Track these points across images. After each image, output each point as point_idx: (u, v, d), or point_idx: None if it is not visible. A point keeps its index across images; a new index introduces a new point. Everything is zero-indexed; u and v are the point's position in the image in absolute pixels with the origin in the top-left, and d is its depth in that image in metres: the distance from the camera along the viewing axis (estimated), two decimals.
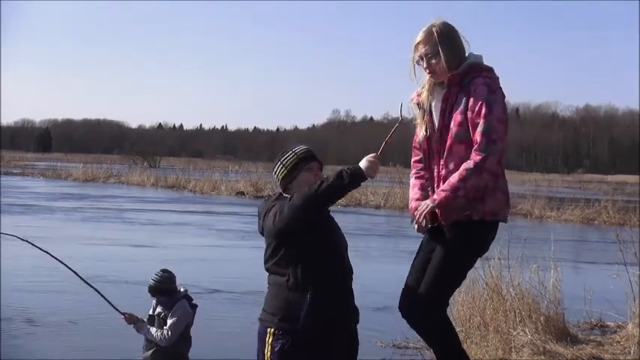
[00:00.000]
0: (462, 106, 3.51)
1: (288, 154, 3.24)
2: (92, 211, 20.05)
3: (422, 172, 3.76)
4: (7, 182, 31.12)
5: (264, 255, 3.18)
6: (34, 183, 33.29)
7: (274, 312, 3.09)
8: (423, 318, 3.62)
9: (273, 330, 3.07)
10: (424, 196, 3.69)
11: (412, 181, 3.81)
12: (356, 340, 3.25)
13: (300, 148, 3.27)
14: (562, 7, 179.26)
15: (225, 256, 12.82)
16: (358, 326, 3.26)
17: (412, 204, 3.73)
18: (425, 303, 3.57)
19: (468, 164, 3.45)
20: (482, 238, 3.63)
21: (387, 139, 3.33)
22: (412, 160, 3.84)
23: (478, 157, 3.42)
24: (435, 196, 3.54)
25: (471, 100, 3.48)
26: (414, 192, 3.76)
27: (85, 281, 4.37)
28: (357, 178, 3.04)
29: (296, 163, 3.20)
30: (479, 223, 3.54)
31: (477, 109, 3.45)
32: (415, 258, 3.78)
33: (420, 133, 3.70)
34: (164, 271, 4.47)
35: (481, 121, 3.43)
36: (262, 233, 3.23)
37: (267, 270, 3.19)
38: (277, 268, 3.11)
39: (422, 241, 3.79)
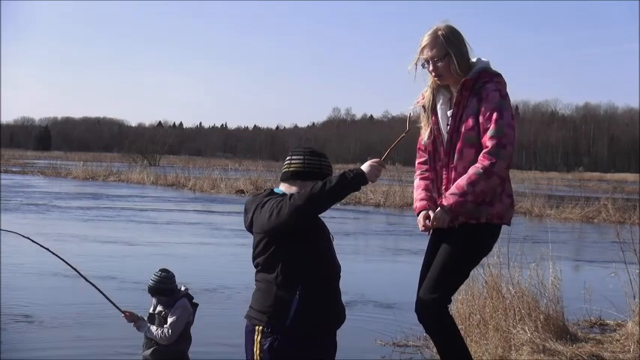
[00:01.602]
0: (472, 111, 3.57)
1: (315, 159, 3.18)
2: (97, 210, 20.05)
3: (426, 174, 3.82)
4: (18, 182, 31.11)
5: (254, 251, 3.15)
6: (42, 182, 33.24)
7: (263, 310, 3.06)
8: (426, 315, 3.65)
9: (261, 328, 3.05)
10: (428, 197, 3.75)
11: (417, 181, 3.88)
12: (335, 339, 3.23)
13: (326, 162, 3.21)
14: (562, 6, 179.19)
15: (200, 253, 12.82)
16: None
17: (417, 204, 3.82)
18: (426, 300, 3.62)
19: (477, 168, 3.52)
20: (488, 241, 3.71)
21: (392, 147, 3.36)
22: (417, 161, 3.90)
23: (487, 162, 3.50)
24: (445, 201, 3.60)
25: (483, 105, 3.55)
26: (418, 192, 3.84)
27: (86, 279, 4.36)
28: (358, 181, 3.03)
29: (316, 173, 3.15)
30: (485, 226, 3.62)
31: (488, 114, 3.53)
32: (425, 259, 3.81)
33: (425, 135, 3.73)
34: (163, 270, 4.46)
35: (492, 126, 3.51)
36: (249, 229, 3.21)
37: (255, 266, 3.16)
38: (266, 265, 3.09)
39: (429, 241, 3.83)
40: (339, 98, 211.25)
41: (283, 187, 3.21)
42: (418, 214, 3.78)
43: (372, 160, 3.13)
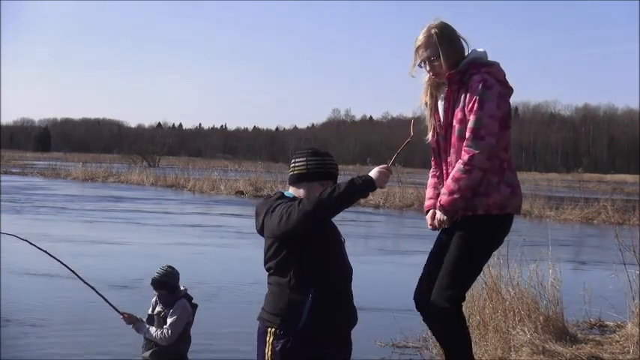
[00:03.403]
0: (461, 103, 3.56)
1: (317, 158, 3.20)
2: (100, 212, 20.06)
3: (436, 171, 3.84)
4: (29, 184, 31.11)
5: (265, 254, 3.17)
6: (54, 184, 33.23)
7: (276, 312, 3.09)
8: (434, 312, 3.65)
9: (274, 330, 3.07)
10: (436, 195, 3.77)
11: (428, 180, 3.90)
12: (350, 341, 3.25)
13: (330, 162, 3.22)
14: (562, 6, 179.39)
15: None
16: (357, 325, 3.26)
17: (425, 203, 3.85)
18: (437, 297, 3.62)
19: (459, 164, 3.53)
20: (491, 232, 3.64)
21: (398, 153, 3.38)
22: (431, 159, 3.91)
23: (466, 156, 3.50)
24: (439, 202, 3.63)
25: (467, 96, 3.53)
26: (427, 191, 3.87)
27: (85, 281, 4.37)
28: (367, 187, 3.05)
29: (320, 173, 3.17)
30: (485, 217, 3.58)
31: (470, 105, 3.51)
32: (430, 251, 3.81)
33: (429, 132, 3.76)
34: (169, 267, 4.50)
35: (471, 118, 3.50)
36: (260, 232, 3.22)
37: (267, 269, 3.19)
38: (279, 269, 3.11)
39: (437, 236, 3.84)
40: (339, 99, 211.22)
41: (292, 190, 3.23)
42: (427, 214, 3.82)
43: (380, 166, 3.15)
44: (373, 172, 3.11)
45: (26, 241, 4.39)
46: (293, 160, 3.24)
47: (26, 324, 7.02)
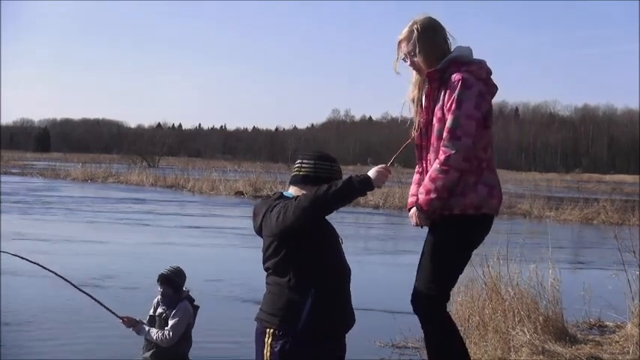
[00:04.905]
0: (441, 102, 3.51)
1: (326, 164, 3.21)
2: (106, 213, 20.06)
3: (420, 168, 3.79)
4: (34, 185, 31.11)
5: (264, 254, 3.16)
6: (54, 184, 33.22)
7: (274, 312, 3.07)
8: (420, 312, 3.62)
9: (272, 330, 3.05)
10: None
11: (414, 176, 3.85)
12: (344, 342, 3.24)
13: (337, 167, 3.24)
14: (562, 6, 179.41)
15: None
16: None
17: (409, 199, 3.78)
18: (417, 296, 3.58)
19: (435, 164, 3.48)
20: (467, 232, 3.57)
21: (398, 153, 3.40)
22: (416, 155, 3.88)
23: (443, 156, 3.45)
24: (415, 201, 3.59)
25: (447, 95, 3.48)
26: (411, 188, 3.80)
27: (80, 289, 4.38)
28: (365, 186, 3.05)
29: (326, 178, 3.16)
30: (461, 217, 3.51)
31: (448, 105, 3.46)
32: (420, 256, 3.78)
33: (414, 127, 3.70)
34: (178, 267, 4.52)
35: (449, 117, 3.45)
36: (258, 232, 3.21)
37: (266, 269, 3.17)
38: (277, 268, 3.10)
39: (426, 237, 3.80)
40: (339, 99, 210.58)
41: (293, 191, 3.22)
42: (409, 211, 3.74)
43: (379, 165, 3.15)
44: (372, 172, 3.11)
45: (18, 256, 4.42)
46: (300, 161, 3.23)
47: (26, 325, 7.02)
